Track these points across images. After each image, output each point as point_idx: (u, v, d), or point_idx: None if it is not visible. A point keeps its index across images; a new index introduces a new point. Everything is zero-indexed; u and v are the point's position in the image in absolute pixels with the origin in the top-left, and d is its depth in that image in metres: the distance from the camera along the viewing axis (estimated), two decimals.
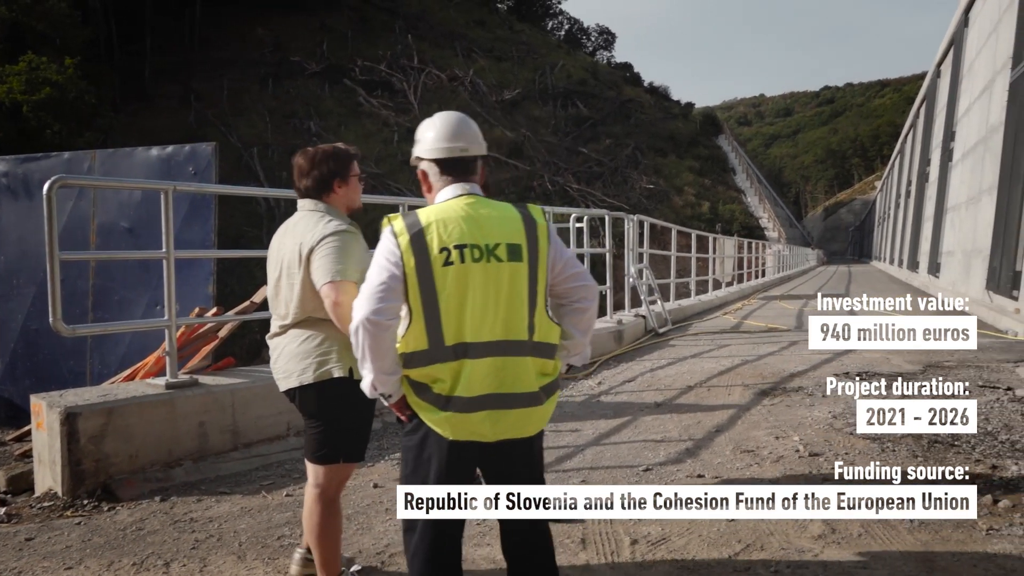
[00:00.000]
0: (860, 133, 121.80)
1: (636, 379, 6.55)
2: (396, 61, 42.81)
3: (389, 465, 4.22)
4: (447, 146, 2.30)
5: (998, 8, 14.22)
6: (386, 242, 2.15)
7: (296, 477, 4.04)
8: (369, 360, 2.11)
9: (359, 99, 39.00)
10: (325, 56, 40.66)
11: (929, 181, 23.79)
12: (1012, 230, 10.50)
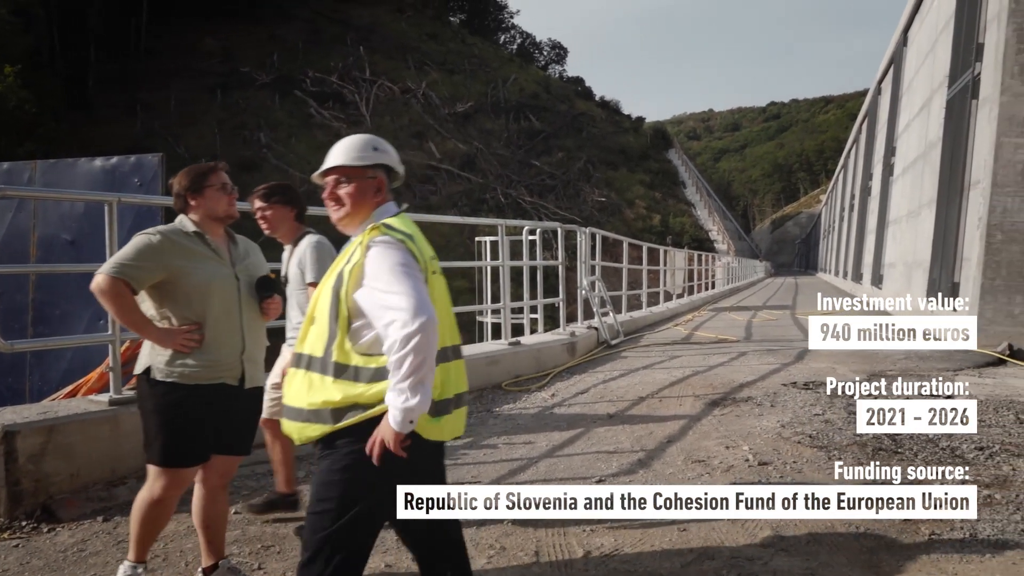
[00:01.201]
0: (805, 148, 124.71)
1: (589, 391, 6.58)
2: (348, 73, 42.61)
3: None
4: (401, 166, 2.35)
5: (935, 29, 14.71)
6: (401, 250, 2.10)
7: (245, 493, 3.96)
8: (426, 373, 2.00)
9: (310, 110, 38.70)
10: (276, 67, 40.29)
11: (872, 195, 24.42)
12: (950, 242, 10.83)
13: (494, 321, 11.35)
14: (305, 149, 35.12)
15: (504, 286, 7.74)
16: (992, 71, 9.19)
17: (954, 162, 11.12)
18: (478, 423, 5.47)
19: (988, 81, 9.46)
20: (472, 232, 28.53)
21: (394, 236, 2.11)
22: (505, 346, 7.46)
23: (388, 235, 2.11)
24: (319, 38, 44.86)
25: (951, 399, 5.89)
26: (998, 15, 9.08)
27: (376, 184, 2.27)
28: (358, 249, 2.11)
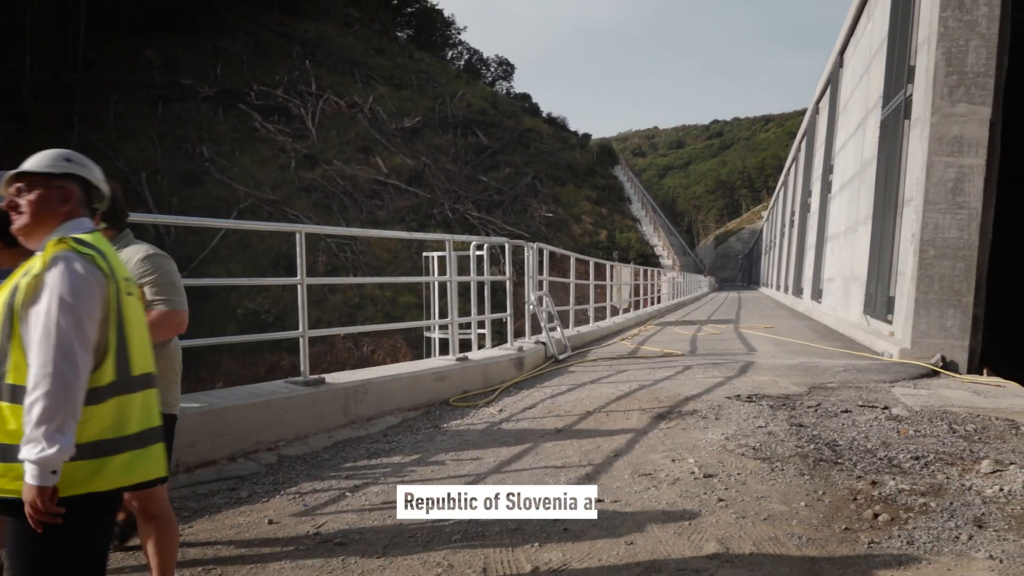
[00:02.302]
0: (747, 165, 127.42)
1: (537, 406, 6.59)
2: (293, 87, 42.20)
3: (285, 500, 4.09)
4: (104, 184, 2.27)
5: (869, 52, 15.22)
6: (86, 267, 1.95)
7: (186, 516, 3.86)
8: (66, 417, 1.82)
9: (255, 124, 38.19)
10: (219, 80, 39.67)
11: (811, 211, 25.04)
12: (886, 258, 11.16)
13: (442, 337, 11.31)
14: (249, 163, 34.62)
15: (452, 301, 7.72)
16: (923, 93, 9.53)
17: (888, 180, 11.47)
18: (426, 440, 5.43)
19: (919, 102, 9.81)
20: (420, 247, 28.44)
21: (80, 251, 1.96)
22: (453, 362, 7.44)
23: (74, 249, 1.96)
24: (264, 51, 44.36)
25: (888, 409, 6.06)
26: (928, 39, 9.44)
27: (63, 195, 2.11)
28: (38, 261, 1.94)
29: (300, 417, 5.40)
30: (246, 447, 4.94)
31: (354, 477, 4.51)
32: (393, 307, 29.45)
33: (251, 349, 24.65)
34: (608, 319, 15.79)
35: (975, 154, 8.79)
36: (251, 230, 29.79)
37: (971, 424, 5.54)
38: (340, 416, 5.77)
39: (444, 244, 7.90)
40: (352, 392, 5.92)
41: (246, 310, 26.59)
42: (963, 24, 8.85)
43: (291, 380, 5.78)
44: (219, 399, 5.02)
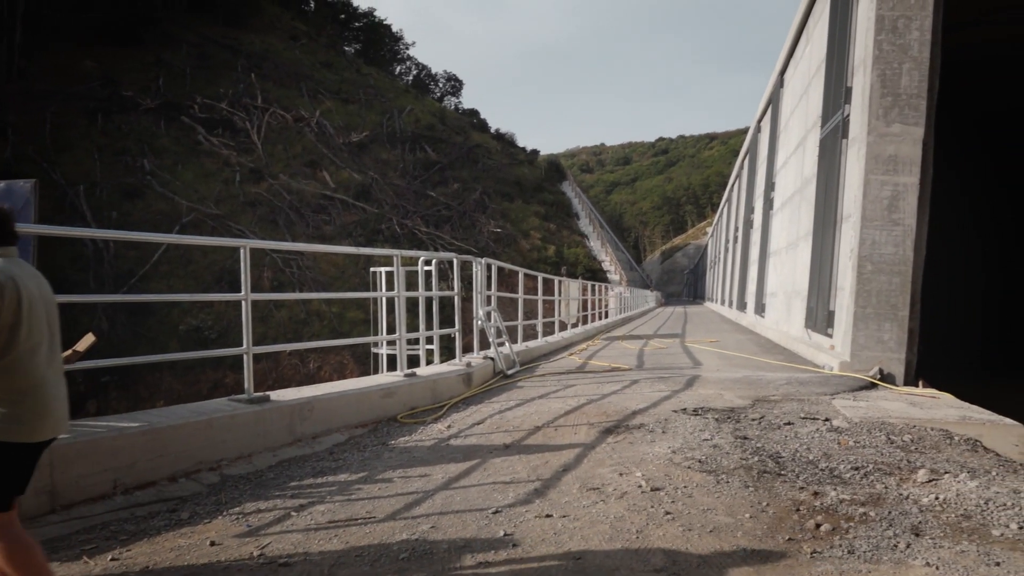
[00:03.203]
0: (692, 182, 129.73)
1: (485, 421, 6.57)
2: (238, 100, 41.62)
3: (228, 521, 4.00)
4: None
5: (808, 73, 15.64)
6: None
7: (123, 539, 3.75)
8: None
9: (198, 137, 37.52)
10: (161, 92, 38.90)
11: (754, 227, 25.56)
12: (826, 273, 11.43)
13: (389, 352, 11.21)
14: (192, 177, 33.96)
15: (400, 317, 7.68)
16: (860, 113, 9.83)
17: (828, 197, 11.78)
18: (373, 457, 5.37)
19: (856, 122, 10.11)
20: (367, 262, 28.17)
21: None
22: (401, 378, 7.38)
23: None
24: (208, 64, 43.67)
25: (829, 421, 6.20)
26: (864, 61, 9.75)
27: None
28: None
29: (244, 436, 5.29)
30: (187, 467, 4.82)
31: (299, 496, 4.44)
32: (340, 323, 29.12)
33: (193, 366, 24.12)
34: (556, 334, 15.85)
35: (909, 173, 9.09)
36: (194, 245, 29.21)
37: (908, 435, 5.69)
38: (285, 434, 5.68)
39: (392, 259, 7.85)
40: (298, 409, 5.83)
41: (188, 326, 26.00)
42: (896, 48, 9.17)
43: (235, 398, 5.67)
44: (159, 418, 4.89)
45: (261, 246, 6.36)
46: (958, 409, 6.79)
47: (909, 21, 9.15)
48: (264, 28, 52.32)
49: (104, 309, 24.93)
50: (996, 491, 4.27)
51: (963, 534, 3.61)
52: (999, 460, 5.12)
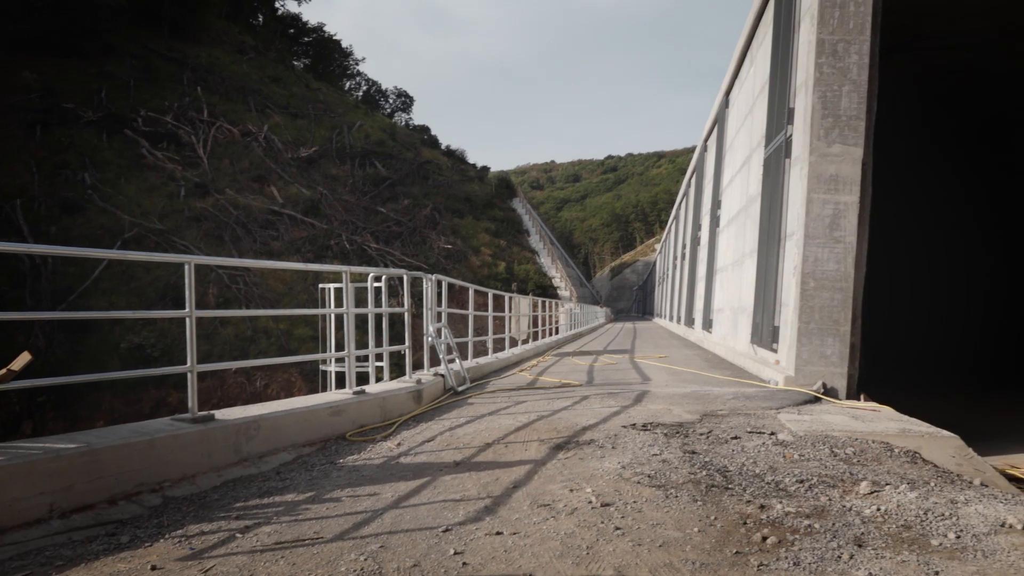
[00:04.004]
0: (641, 199, 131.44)
1: (436, 438, 6.53)
2: (184, 113, 40.94)
3: (170, 544, 3.89)
4: None
5: (752, 94, 16.01)
6: None
7: (60, 564, 3.62)
8: None
9: (142, 151, 36.77)
10: (104, 104, 38.06)
11: (701, 244, 25.97)
12: (771, 289, 11.66)
13: (338, 370, 11.08)
14: (135, 191, 33.26)
15: (349, 334, 7.60)
16: (802, 133, 10.08)
17: (772, 215, 12.03)
18: (321, 476, 5.29)
19: (799, 142, 10.37)
20: (316, 279, 27.89)
21: None
22: (349, 395, 7.30)
23: None
24: (153, 76, 42.92)
25: (774, 435, 6.30)
26: (805, 83, 10.01)
27: None
28: None
29: (188, 456, 5.17)
30: (128, 489, 4.69)
31: (245, 517, 4.34)
32: (288, 340, 28.70)
33: (135, 385, 23.52)
34: (507, 350, 15.86)
35: (850, 192, 9.34)
36: (136, 261, 28.54)
37: (850, 447, 5.82)
38: (231, 454, 5.56)
39: (341, 275, 7.78)
40: (244, 428, 5.72)
41: (130, 344, 25.36)
42: (836, 70, 9.45)
43: (178, 417, 5.53)
44: (99, 439, 4.75)
45: (206, 262, 6.25)
46: (898, 422, 6.97)
47: (848, 45, 9.44)
48: (211, 41, 51.64)
49: (41, 327, 24.19)
50: (935, 502, 4.39)
51: (904, 544, 3.70)
52: (937, 471, 5.26)
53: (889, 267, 26.21)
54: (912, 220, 28.97)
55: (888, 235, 28.41)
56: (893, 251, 29.21)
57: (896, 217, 28.14)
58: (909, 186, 28.45)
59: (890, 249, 28.45)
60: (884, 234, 26.07)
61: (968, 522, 4.05)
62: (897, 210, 28.07)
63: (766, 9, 14.55)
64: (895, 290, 28.91)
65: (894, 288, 28.82)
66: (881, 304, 18.07)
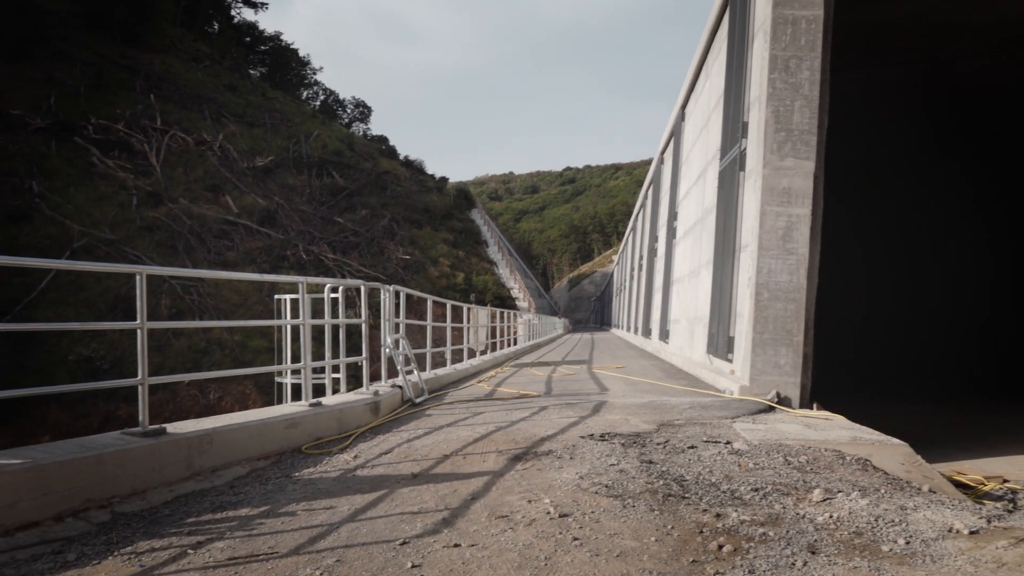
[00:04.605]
0: (598, 211, 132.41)
1: (393, 451, 6.47)
2: (136, 121, 40.19)
3: (119, 561, 3.80)
4: None
5: (708, 107, 16.26)
6: None
7: None
8: None
9: (92, 159, 35.99)
10: (53, 111, 37.19)
11: (658, 256, 26.23)
12: (726, 300, 11.82)
13: (294, 382, 10.95)
14: (85, 200, 32.51)
15: (305, 345, 7.51)
16: (756, 147, 10.26)
17: (727, 227, 12.21)
18: (276, 490, 5.21)
19: (753, 155, 10.55)
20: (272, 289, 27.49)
21: None
22: (306, 407, 7.21)
23: None
24: (104, 83, 42.06)
25: (730, 444, 6.37)
26: (759, 98, 10.20)
27: None
28: None
29: (138, 471, 5.05)
30: (76, 505, 4.56)
31: (197, 533, 4.26)
32: (243, 352, 28.26)
33: (83, 399, 22.93)
34: (465, 361, 15.82)
35: (802, 204, 9.53)
36: (86, 271, 27.89)
37: (804, 456, 5.91)
38: (183, 468, 5.45)
39: (297, 286, 7.70)
40: (196, 442, 5.61)
41: (79, 357, 24.74)
42: (789, 86, 9.64)
43: (128, 431, 5.41)
44: (45, 454, 4.62)
45: (159, 272, 6.13)
46: (849, 430, 7.10)
47: (800, 61, 9.65)
48: (165, 48, 50.82)
49: None
50: (885, 508, 4.48)
51: (855, 551, 3.76)
52: (887, 478, 5.37)
53: (844, 277, 26.77)
54: (869, 232, 29.68)
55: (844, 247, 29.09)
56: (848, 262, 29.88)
57: (852, 230, 28.81)
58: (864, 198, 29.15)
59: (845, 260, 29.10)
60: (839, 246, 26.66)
61: (917, 528, 4.13)
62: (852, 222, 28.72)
63: (721, 25, 14.82)
64: (849, 301, 29.53)
65: (848, 298, 29.45)
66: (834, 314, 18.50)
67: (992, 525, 4.24)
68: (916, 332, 27.52)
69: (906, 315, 28.35)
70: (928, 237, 27.55)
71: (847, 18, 11.73)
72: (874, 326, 30.44)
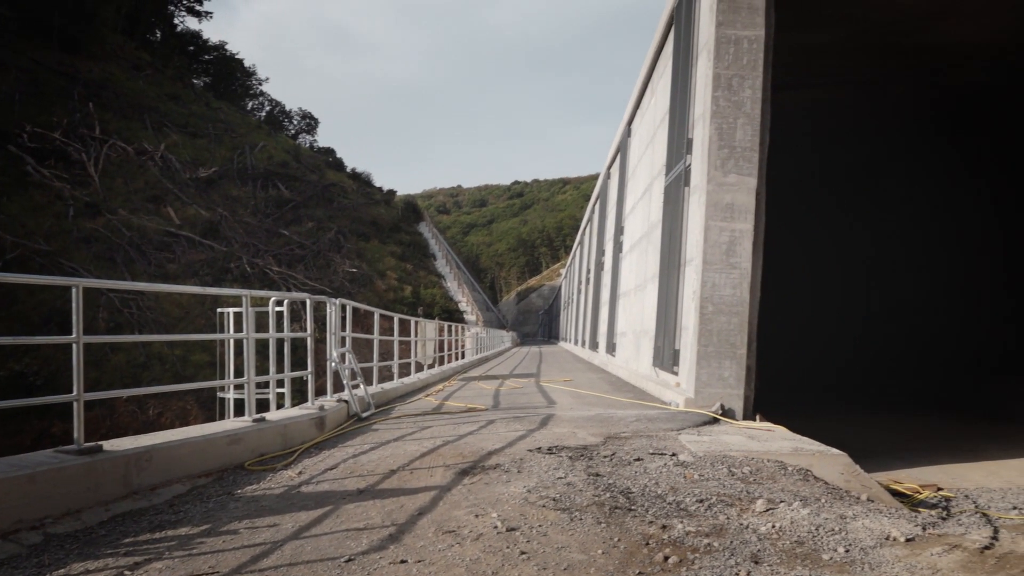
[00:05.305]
0: (546, 225, 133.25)
1: (339, 466, 6.39)
2: (74, 130, 39.15)
3: None
4: None
5: (653, 124, 16.51)
6: None
7: None
8: None
9: (27, 168, 34.92)
10: None
11: (605, 269, 26.47)
12: (671, 313, 11.98)
13: (237, 397, 10.74)
14: (19, 210, 31.50)
15: (249, 360, 7.38)
16: (700, 163, 10.45)
17: (672, 241, 12.39)
18: (217, 508, 5.09)
19: (697, 171, 10.74)
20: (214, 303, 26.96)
21: None
22: (249, 423, 7.07)
23: None
24: (41, 91, 40.87)
25: (675, 456, 6.44)
26: (703, 115, 10.40)
27: None
28: None
29: (72, 490, 4.89)
30: (5, 527, 4.39)
31: (134, 554, 4.13)
32: (184, 366, 27.64)
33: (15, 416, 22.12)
34: (413, 375, 15.72)
35: (745, 220, 9.72)
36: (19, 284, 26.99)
37: (747, 467, 6.00)
38: (120, 487, 5.29)
39: (241, 300, 7.56)
40: (134, 459, 5.46)
41: (10, 372, 23.89)
42: (732, 104, 9.85)
43: (62, 449, 5.24)
44: None
45: (96, 285, 5.97)
46: (791, 441, 7.24)
47: (743, 80, 9.87)
48: (105, 56, 49.68)
49: None
50: (825, 517, 4.57)
51: (797, 560, 3.83)
52: (827, 488, 5.49)
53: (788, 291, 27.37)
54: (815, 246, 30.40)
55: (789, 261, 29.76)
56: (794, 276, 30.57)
57: (801, 246, 29.50)
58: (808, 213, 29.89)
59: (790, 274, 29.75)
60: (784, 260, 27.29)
61: (856, 536, 4.23)
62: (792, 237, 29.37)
63: (666, 43, 15.08)
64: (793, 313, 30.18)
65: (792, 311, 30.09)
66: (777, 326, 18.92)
67: (927, 532, 4.36)
68: (858, 345, 28.23)
69: (850, 328, 29.07)
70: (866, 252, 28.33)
71: (788, 39, 12.06)
72: (817, 338, 31.17)
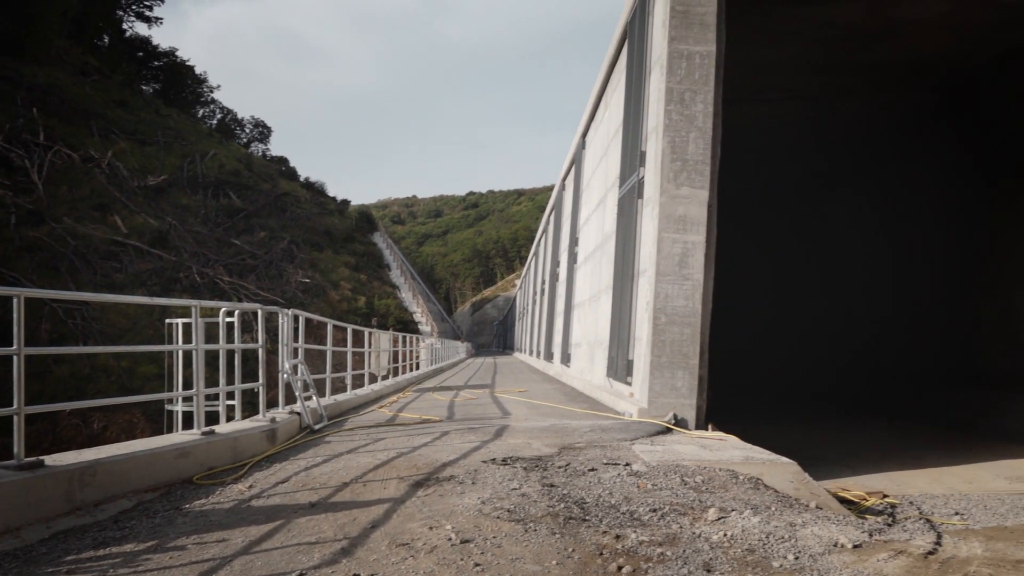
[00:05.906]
0: (501, 236, 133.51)
1: (290, 479, 6.29)
2: (17, 136, 38.08)
3: None
4: None
5: (607, 136, 16.68)
6: None
7: None
8: None
9: None
10: None
11: (559, 280, 26.59)
12: (625, 324, 12.07)
13: (186, 409, 10.53)
14: None
15: (198, 371, 7.23)
16: (653, 175, 10.58)
17: (626, 253, 12.51)
18: (164, 523, 4.98)
19: (650, 184, 10.87)
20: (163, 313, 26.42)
21: None
22: (197, 436, 6.93)
23: None
24: None
25: (629, 466, 6.48)
26: (656, 129, 10.54)
27: None
28: None
29: (12, 506, 4.73)
30: None
31: (77, 571, 4.01)
32: (131, 378, 26.99)
33: None
34: (366, 386, 15.58)
35: (697, 232, 9.86)
36: None
37: (699, 476, 6.07)
38: (62, 503, 5.14)
39: (191, 310, 7.42)
40: (78, 475, 5.31)
41: None
42: (684, 118, 10.00)
43: (1, 464, 5.07)
44: None
45: (39, 295, 5.81)
46: (742, 450, 7.34)
47: (695, 94, 10.03)
48: (49, 60, 48.47)
49: None
50: (775, 525, 4.64)
51: (748, 567, 3.88)
52: (777, 496, 5.57)
53: (740, 300, 27.78)
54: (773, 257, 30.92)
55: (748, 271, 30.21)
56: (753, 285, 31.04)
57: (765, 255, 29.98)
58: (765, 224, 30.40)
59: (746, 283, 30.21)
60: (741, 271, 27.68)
61: (805, 543, 4.30)
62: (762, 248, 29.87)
63: (620, 57, 15.27)
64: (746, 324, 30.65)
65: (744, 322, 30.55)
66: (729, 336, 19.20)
67: (874, 539, 4.46)
68: (815, 355, 28.73)
69: (808, 340, 29.58)
70: (822, 264, 28.90)
71: (739, 55, 12.29)
72: (768, 349, 31.68)
